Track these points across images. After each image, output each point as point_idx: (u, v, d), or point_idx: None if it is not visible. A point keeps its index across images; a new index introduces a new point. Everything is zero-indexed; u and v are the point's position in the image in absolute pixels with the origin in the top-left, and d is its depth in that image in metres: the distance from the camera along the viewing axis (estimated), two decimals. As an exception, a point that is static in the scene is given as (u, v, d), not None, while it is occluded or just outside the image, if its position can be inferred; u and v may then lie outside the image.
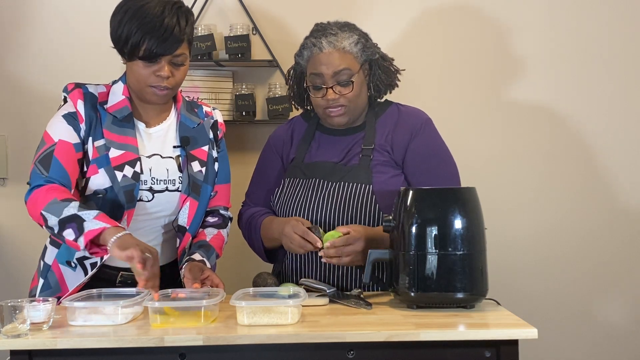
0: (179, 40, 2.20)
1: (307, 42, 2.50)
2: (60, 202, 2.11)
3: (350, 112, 2.48)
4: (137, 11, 2.18)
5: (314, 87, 2.47)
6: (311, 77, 2.48)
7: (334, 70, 2.43)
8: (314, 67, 2.46)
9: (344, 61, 2.44)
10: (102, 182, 2.23)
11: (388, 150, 2.46)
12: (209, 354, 1.87)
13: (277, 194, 2.53)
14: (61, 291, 2.28)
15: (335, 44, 2.44)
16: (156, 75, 2.22)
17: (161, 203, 2.30)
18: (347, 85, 2.45)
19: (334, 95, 2.44)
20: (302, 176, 2.50)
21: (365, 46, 2.49)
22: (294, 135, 2.62)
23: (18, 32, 3.27)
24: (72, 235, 2.07)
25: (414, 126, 2.50)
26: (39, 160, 2.21)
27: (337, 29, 2.48)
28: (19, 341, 1.84)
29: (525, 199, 3.29)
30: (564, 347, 3.28)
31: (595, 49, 3.26)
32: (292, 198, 2.48)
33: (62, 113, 2.27)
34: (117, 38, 2.21)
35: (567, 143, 3.28)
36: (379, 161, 2.45)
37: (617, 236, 3.29)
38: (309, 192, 2.46)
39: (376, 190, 2.39)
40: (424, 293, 2.08)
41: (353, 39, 2.47)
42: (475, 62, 3.27)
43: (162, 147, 2.34)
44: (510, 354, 1.88)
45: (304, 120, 2.64)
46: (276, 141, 2.65)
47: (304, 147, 2.56)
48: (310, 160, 2.53)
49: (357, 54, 2.47)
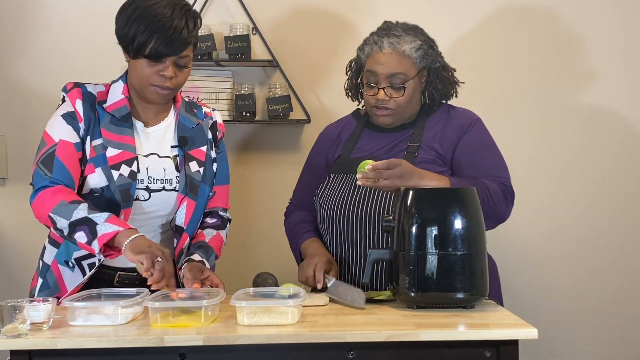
0: (186, 43, 2.20)
1: (370, 38, 2.51)
2: (68, 204, 2.12)
3: (397, 115, 2.48)
4: (146, 10, 2.18)
5: (368, 84, 2.47)
6: (367, 74, 2.48)
7: (389, 72, 2.42)
8: (371, 65, 2.46)
9: (401, 65, 2.43)
10: (99, 181, 2.23)
11: (436, 147, 2.44)
12: (209, 354, 1.87)
13: (322, 189, 2.54)
14: (60, 291, 2.28)
15: (396, 46, 2.43)
16: (160, 75, 2.22)
17: (158, 202, 2.30)
18: (399, 90, 2.44)
19: (384, 96, 2.44)
20: (346, 171, 2.50)
21: (426, 53, 2.47)
22: (342, 134, 2.62)
23: (18, 32, 3.27)
24: (84, 238, 2.09)
25: (464, 123, 2.49)
26: (40, 161, 2.21)
27: (402, 31, 2.47)
28: (19, 341, 1.84)
29: (526, 199, 3.29)
30: (564, 347, 3.28)
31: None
32: (334, 193, 2.48)
33: (61, 113, 2.27)
34: (124, 35, 2.21)
35: (569, 144, 3.29)
36: (424, 159, 2.43)
37: (617, 237, 3.29)
38: (351, 187, 2.45)
39: None
40: (424, 293, 2.08)
41: (415, 44, 2.45)
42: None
43: (159, 146, 2.34)
44: (510, 354, 1.88)
45: (354, 119, 2.65)
46: (322, 140, 2.67)
47: (351, 144, 2.56)
48: (356, 155, 2.52)
49: (416, 60, 2.45)
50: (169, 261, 2.04)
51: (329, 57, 3.26)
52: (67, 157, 2.21)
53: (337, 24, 3.27)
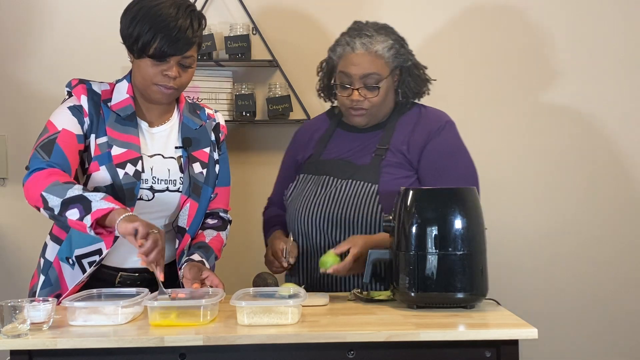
0: (190, 43, 2.21)
1: (342, 39, 2.51)
2: (62, 184, 2.10)
3: (372, 115, 2.49)
4: (150, 10, 2.19)
5: (341, 85, 2.47)
6: (340, 75, 2.48)
7: (363, 73, 2.43)
8: (344, 66, 2.46)
9: (374, 65, 2.44)
10: (103, 179, 2.23)
11: (403, 151, 2.45)
12: (209, 354, 1.87)
13: (290, 189, 2.56)
14: (61, 288, 2.28)
15: (368, 47, 2.44)
16: (163, 75, 2.22)
17: (161, 203, 2.30)
18: (374, 90, 2.44)
19: (358, 97, 2.44)
20: (315, 172, 2.52)
21: (398, 52, 2.48)
22: (315, 134, 2.63)
23: (19, 33, 3.27)
24: (76, 214, 2.06)
25: (432, 127, 2.48)
26: (40, 146, 2.20)
27: (374, 31, 2.47)
28: (19, 341, 1.84)
29: (526, 199, 3.29)
30: (564, 347, 3.28)
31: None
32: (302, 193, 2.50)
33: (68, 105, 2.27)
34: (128, 35, 2.22)
35: (568, 144, 3.29)
36: (391, 162, 2.44)
37: (617, 237, 3.29)
38: (318, 188, 2.47)
39: (381, 190, 2.39)
40: (424, 293, 2.08)
41: (387, 43, 2.46)
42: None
43: (164, 147, 2.34)
44: (510, 354, 1.88)
45: (328, 118, 2.66)
46: (295, 140, 2.70)
47: (322, 144, 2.57)
48: (326, 157, 2.54)
49: (389, 59, 2.46)
50: (162, 238, 2.04)
51: (329, 57, 3.26)
52: (68, 145, 2.20)
53: (337, 24, 3.26)
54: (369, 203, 2.39)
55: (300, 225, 2.47)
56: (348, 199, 2.41)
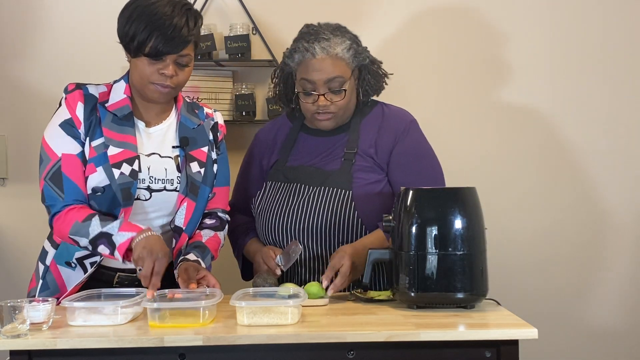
0: (186, 41, 2.21)
1: (298, 45, 2.47)
2: (82, 223, 2.17)
3: (338, 117, 2.48)
4: (146, 8, 2.19)
5: (305, 92, 2.45)
6: (302, 82, 2.45)
7: (327, 78, 2.41)
8: (306, 73, 2.43)
9: (337, 68, 2.42)
10: (100, 180, 2.23)
11: (372, 154, 2.45)
12: (209, 354, 1.87)
13: (259, 197, 2.53)
14: (60, 292, 2.28)
15: (328, 50, 2.42)
16: (160, 73, 2.22)
17: (158, 202, 2.30)
18: (339, 93, 2.43)
19: (325, 102, 2.43)
20: (284, 180, 2.50)
21: (356, 51, 2.47)
22: (277, 137, 2.60)
23: (18, 32, 3.26)
24: (106, 250, 2.15)
25: (398, 129, 2.48)
26: (48, 177, 2.22)
27: (330, 33, 2.45)
28: (18, 341, 1.84)
29: (526, 199, 3.29)
30: (564, 347, 3.28)
31: (589, 53, 3.26)
32: (273, 203, 2.48)
33: (59, 122, 2.26)
34: (125, 34, 2.22)
35: (565, 144, 3.28)
36: (361, 166, 2.44)
37: (617, 237, 3.29)
38: (289, 196, 2.46)
39: (355, 195, 2.39)
40: (424, 293, 2.08)
41: (345, 44, 2.44)
42: (473, 63, 3.27)
43: (161, 146, 2.34)
44: (510, 354, 1.88)
45: (289, 121, 2.63)
46: (257, 144, 2.65)
47: (287, 150, 2.55)
48: (293, 163, 2.52)
49: (349, 60, 2.45)
50: (156, 261, 2.05)
51: (329, 57, 3.25)
52: (73, 170, 2.23)
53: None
54: (344, 209, 2.39)
55: (275, 236, 2.46)
56: (322, 207, 2.40)
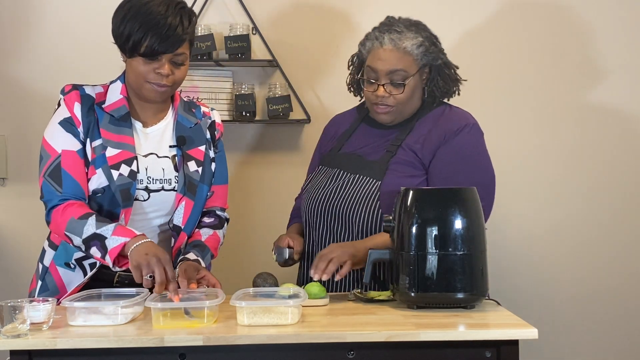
0: (181, 40, 2.20)
1: (372, 33, 2.48)
2: (77, 220, 2.15)
3: (396, 112, 2.45)
4: (140, 8, 2.19)
5: (368, 80, 2.46)
6: (367, 70, 2.46)
7: (389, 69, 2.40)
8: (372, 61, 2.44)
9: (401, 61, 2.41)
10: (100, 181, 2.23)
11: (416, 149, 2.41)
12: (209, 354, 1.87)
13: (307, 181, 2.59)
14: (59, 293, 2.28)
15: (396, 42, 2.41)
16: (156, 73, 2.22)
17: (157, 202, 2.30)
18: (399, 87, 2.41)
19: (383, 92, 2.42)
20: (329, 165, 2.52)
21: (428, 50, 2.43)
22: (341, 127, 2.63)
23: (18, 32, 3.26)
24: (98, 253, 2.14)
25: (450, 129, 2.42)
26: (48, 174, 2.22)
27: (404, 27, 2.44)
28: (18, 341, 1.84)
29: (526, 199, 3.29)
30: (564, 347, 3.28)
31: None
32: (312, 186, 2.52)
33: (58, 120, 2.26)
34: (119, 34, 2.22)
35: (567, 145, 3.28)
36: (400, 159, 2.41)
37: (617, 237, 3.29)
38: (327, 181, 2.48)
39: (383, 187, 2.37)
40: (424, 293, 2.08)
41: (417, 40, 2.42)
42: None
43: (158, 146, 2.34)
44: (510, 354, 1.88)
45: (357, 112, 2.65)
46: (324, 132, 2.71)
47: (344, 138, 2.57)
48: (345, 150, 2.53)
49: (418, 57, 2.42)
50: (161, 269, 2.05)
51: (329, 57, 3.26)
52: (73, 167, 2.23)
53: (337, 24, 3.27)
54: (369, 200, 2.38)
55: (307, 215, 2.50)
56: (350, 194, 2.41)
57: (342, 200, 2.41)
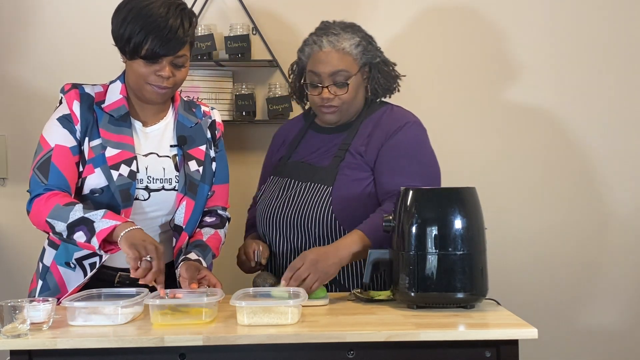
0: (182, 42, 2.20)
1: (309, 39, 2.52)
2: (63, 207, 2.13)
3: (343, 112, 2.50)
4: (141, 10, 2.18)
5: (311, 84, 2.48)
6: (309, 75, 2.49)
7: (331, 70, 2.44)
8: (313, 65, 2.48)
9: (342, 62, 2.45)
10: (98, 181, 2.23)
11: (362, 151, 2.45)
12: (209, 354, 1.87)
13: (260, 191, 2.60)
14: (60, 292, 2.28)
15: (335, 44, 2.45)
16: (157, 75, 2.22)
17: (157, 202, 2.30)
18: (343, 87, 2.45)
19: (328, 94, 2.45)
20: (281, 174, 2.55)
21: (366, 49, 2.49)
22: (289, 135, 2.65)
23: (18, 32, 3.27)
24: (83, 237, 2.10)
25: (391, 128, 2.47)
26: (37, 167, 2.22)
27: (340, 29, 2.49)
28: (19, 341, 1.84)
29: (526, 199, 3.29)
30: (564, 347, 3.28)
31: (594, 53, 3.26)
32: (265, 197, 2.54)
33: (57, 116, 2.27)
34: (120, 36, 2.21)
35: (566, 144, 3.28)
36: (349, 163, 2.45)
37: (617, 237, 3.29)
38: (279, 191, 2.50)
39: (334, 192, 2.40)
40: (424, 293, 2.08)
41: (354, 40, 2.47)
42: (476, 63, 3.27)
43: (158, 146, 2.34)
44: (510, 354, 1.88)
45: (303, 119, 2.68)
46: (272, 143, 2.72)
47: (293, 146, 2.60)
48: (294, 159, 2.56)
49: (357, 56, 2.47)
50: (160, 259, 2.04)
51: (328, 57, 3.25)
52: (63, 161, 2.22)
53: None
54: (321, 206, 2.40)
55: (264, 227, 2.51)
56: (303, 202, 2.43)
57: (296, 209, 2.43)
